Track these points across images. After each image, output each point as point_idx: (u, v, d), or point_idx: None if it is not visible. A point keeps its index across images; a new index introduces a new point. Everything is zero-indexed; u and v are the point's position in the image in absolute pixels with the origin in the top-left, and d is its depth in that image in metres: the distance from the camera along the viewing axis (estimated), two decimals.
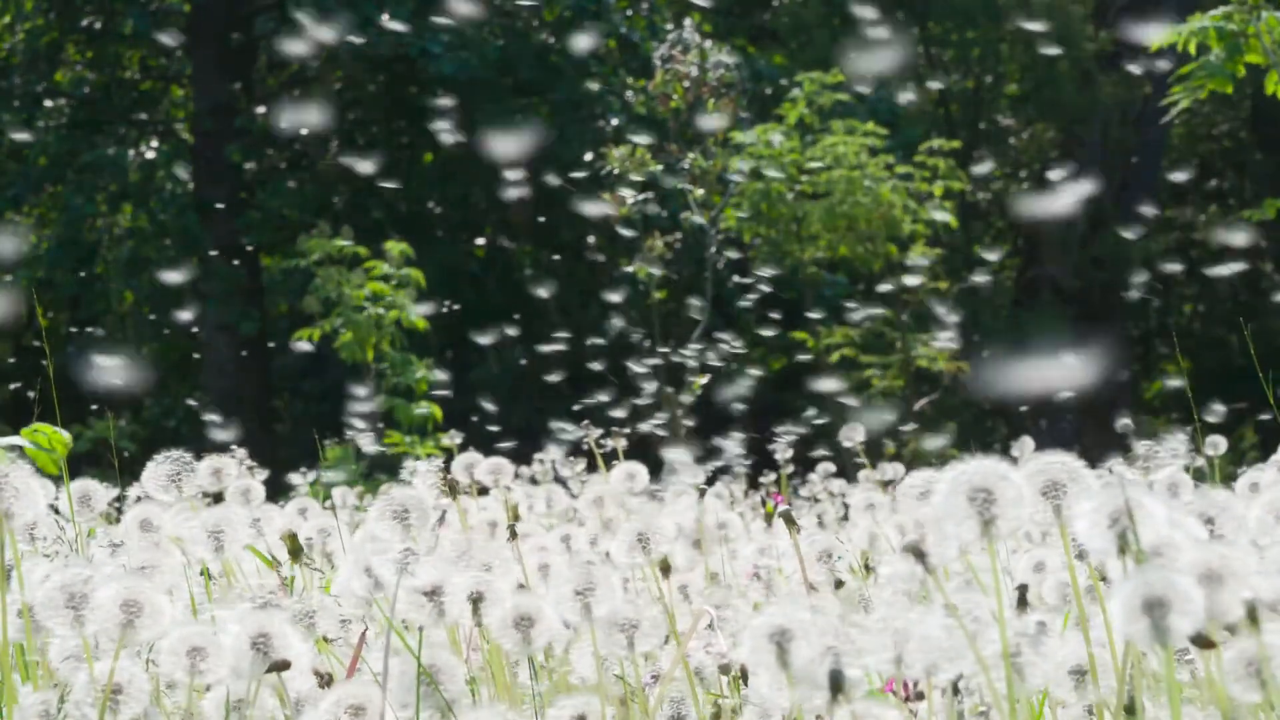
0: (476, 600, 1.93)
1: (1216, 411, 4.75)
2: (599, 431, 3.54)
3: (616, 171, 12.19)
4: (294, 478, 6.61)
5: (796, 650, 1.54)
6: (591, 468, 4.26)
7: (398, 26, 19.10)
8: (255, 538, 2.90)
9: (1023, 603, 1.54)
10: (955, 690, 1.64)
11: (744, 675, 2.04)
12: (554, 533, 2.81)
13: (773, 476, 6.35)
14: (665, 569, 2.24)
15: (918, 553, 1.52)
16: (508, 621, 1.91)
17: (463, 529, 3.17)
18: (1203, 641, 1.45)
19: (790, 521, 2.29)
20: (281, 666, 1.81)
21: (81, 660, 1.91)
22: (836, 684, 1.43)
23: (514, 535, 2.52)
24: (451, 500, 2.40)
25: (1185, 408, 24.13)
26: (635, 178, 11.99)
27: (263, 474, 3.72)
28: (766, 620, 1.57)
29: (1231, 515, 1.80)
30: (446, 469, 2.47)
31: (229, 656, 1.81)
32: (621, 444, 3.45)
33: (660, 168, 12.29)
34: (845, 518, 6.36)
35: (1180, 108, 6.81)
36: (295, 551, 2.20)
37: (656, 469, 3.65)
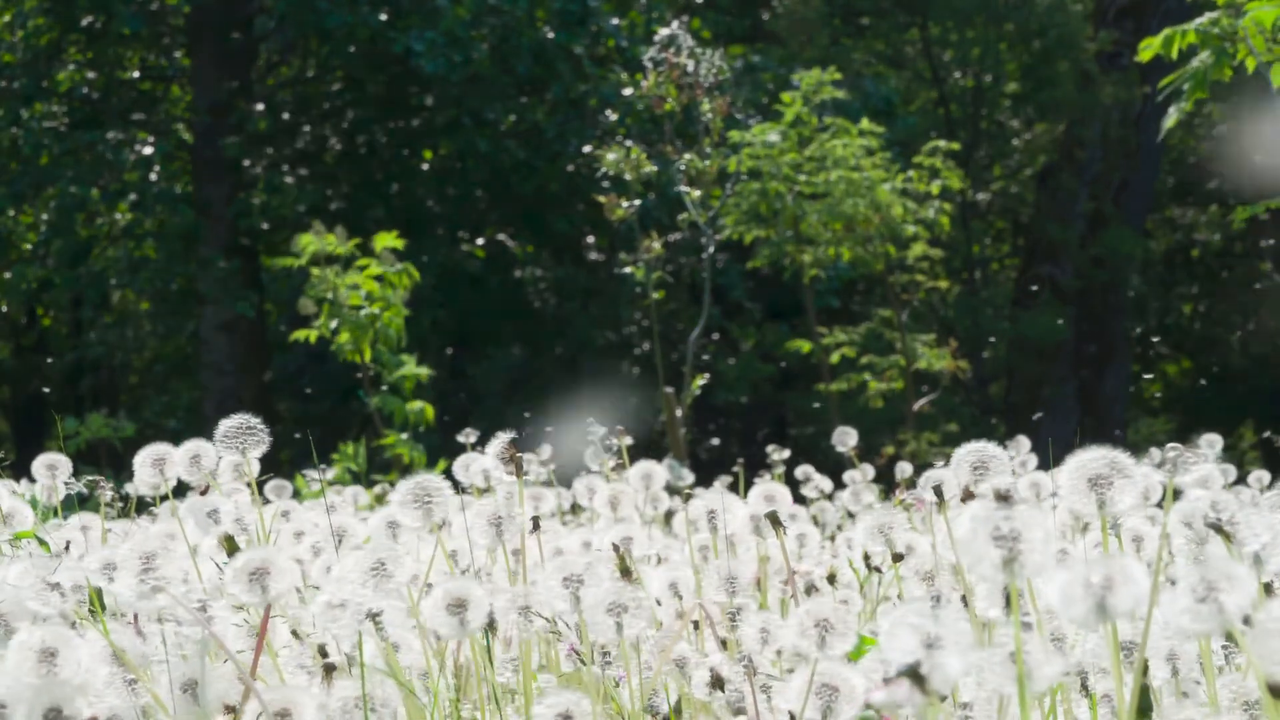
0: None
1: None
2: (602, 430, 3.50)
3: (611, 174, 12.14)
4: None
5: None
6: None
7: (390, 24, 19.08)
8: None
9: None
10: None
11: None
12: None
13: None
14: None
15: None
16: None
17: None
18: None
19: (776, 523, 2.28)
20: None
21: None
22: None
23: (536, 527, 2.53)
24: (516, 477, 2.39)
25: (1184, 409, 24.12)
26: (629, 179, 11.94)
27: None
28: None
29: None
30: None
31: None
32: (627, 441, 3.40)
33: (654, 169, 12.23)
34: (850, 515, 6.33)
35: (1169, 125, 6.86)
36: (233, 553, 2.22)
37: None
